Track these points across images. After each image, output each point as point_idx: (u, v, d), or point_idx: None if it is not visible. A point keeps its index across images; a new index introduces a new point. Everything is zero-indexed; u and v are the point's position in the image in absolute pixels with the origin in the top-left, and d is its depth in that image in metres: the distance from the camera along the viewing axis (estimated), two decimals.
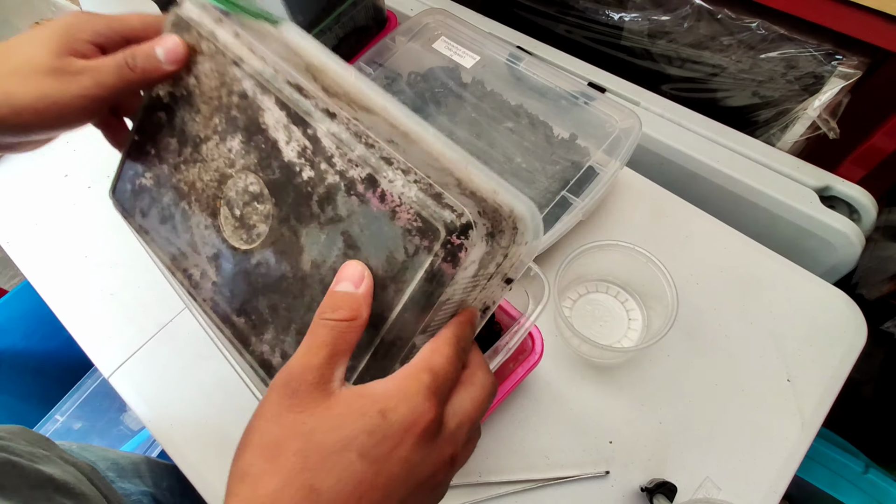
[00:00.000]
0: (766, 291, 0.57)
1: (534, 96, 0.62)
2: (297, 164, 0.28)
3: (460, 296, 0.26)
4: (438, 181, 0.25)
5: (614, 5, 0.71)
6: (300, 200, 0.28)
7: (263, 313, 0.31)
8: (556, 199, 0.55)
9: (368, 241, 0.26)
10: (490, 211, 0.25)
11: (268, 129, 0.29)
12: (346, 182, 0.26)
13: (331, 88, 0.28)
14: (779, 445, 0.50)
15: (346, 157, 0.26)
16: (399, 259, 0.25)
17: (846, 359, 0.54)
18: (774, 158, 0.64)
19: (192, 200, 0.34)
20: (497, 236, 0.25)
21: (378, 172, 0.25)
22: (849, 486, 0.71)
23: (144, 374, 0.58)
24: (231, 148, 0.31)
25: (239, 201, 0.31)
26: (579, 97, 0.60)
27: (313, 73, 0.29)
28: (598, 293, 0.59)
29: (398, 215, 0.25)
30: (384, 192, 0.25)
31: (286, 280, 0.29)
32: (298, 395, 0.23)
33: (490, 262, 0.26)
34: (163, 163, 0.35)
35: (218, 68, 0.31)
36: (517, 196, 0.25)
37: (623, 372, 0.54)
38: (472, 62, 0.64)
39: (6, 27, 0.85)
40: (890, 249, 0.67)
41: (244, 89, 0.30)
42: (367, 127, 0.26)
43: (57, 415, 0.99)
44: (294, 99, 0.28)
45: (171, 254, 0.35)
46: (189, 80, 0.33)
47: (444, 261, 0.24)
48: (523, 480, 0.49)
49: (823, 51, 0.59)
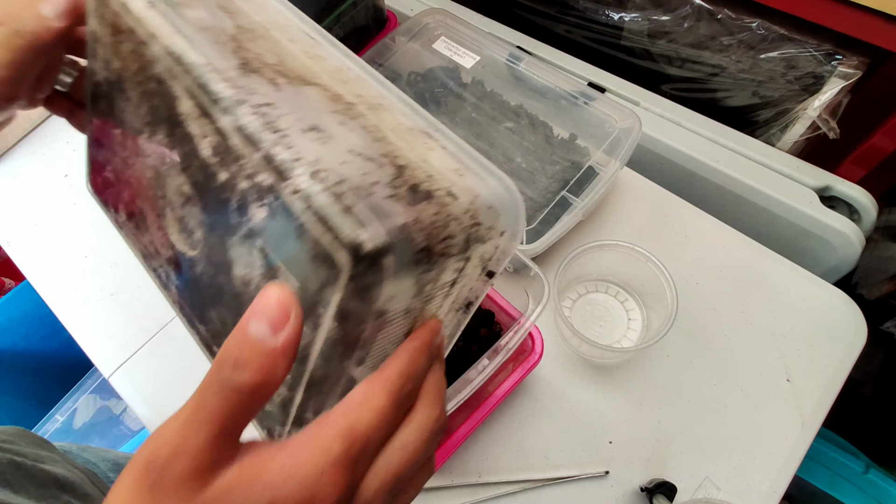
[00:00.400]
0: (766, 291, 0.57)
1: (534, 96, 0.62)
2: (212, 164, 0.23)
3: (403, 317, 0.21)
4: (365, 177, 0.19)
5: (614, 5, 0.71)
6: (220, 208, 0.24)
7: (217, 324, 0.27)
8: (556, 199, 0.55)
9: (284, 263, 0.21)
10: (436, 212, 0.20)
11: (184, 120, 0.24)
12: (255, 188, 0.21)
13: (258, 59, 0.23)
14: (779, 445, 0.50)
15: (254, 156, 0.21)
16: (311, 289, 0.20)
17: (846, 359, 0.53)
18: (774, 158, 0.64)
19: (144, 197, 0.30)
20: (444, 243, 0.20)
21: (284, 175, 0.19)
22: (849, 486, 0.71)
23: (144, 374, 0.58)
24: (160, 142, 0.27)
25: (176, 202, 0.27)
26: (579, 97, 0.60)
27: (240, 39, 0.24)
28: (597, 293, 0.59)
29: (304, 234, 0.19)
30: (286, 204, 0.19)
31: (225, 294, 0.25)
32: (158, 490, 0.16)
33: (444, 272, 0.21)
34: (115, 156, 0.31)
35: (135, 48, 0.26)
36: (483, 179, 0.21)
37: (623, 372, 0.54)
38: (472, 62, 0.64)
39: None
40: (890, 249, 0.67)
41: (159, 73, 0.25)
42: (295, 105, 0.21)
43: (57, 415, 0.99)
44: (204, 82, 0.22)
45: (142, 251, 0.32)
46: (115, 63, 0.28)
47: (355, 297, 0.19)
48: (523, 480, 0.49)
49: (823, 51, 0.59)
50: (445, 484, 0.49)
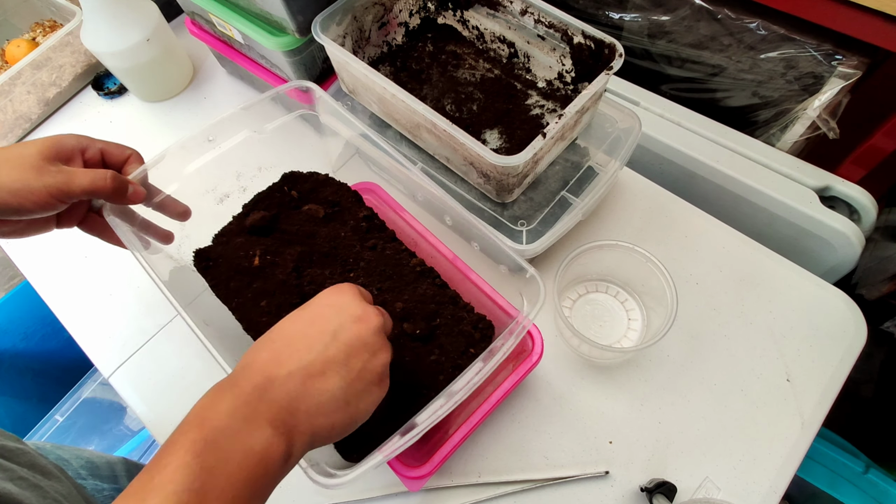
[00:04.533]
0: (766, 291, 0.57)
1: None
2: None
3: None
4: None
5: (614, 5, 0.71)
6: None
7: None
8: (556, 199, 0.55)
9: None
10: None
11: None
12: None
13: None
14: (779, 445, 0.50)
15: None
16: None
17: (846, 359, 0.53)
18: (774, 158, 0.64)
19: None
20: None
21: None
22: (849, 486, 0.71)
23: (144, 374, 0.58)
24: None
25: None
26: None
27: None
28: (597, 293, 0.59)
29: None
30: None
31: None
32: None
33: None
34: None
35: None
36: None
37: (623, 372, 0.54)
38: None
39: (6, 27, 0.85)
40: (890, 249, 0.67)
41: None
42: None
43: (57, 415, 0.99)
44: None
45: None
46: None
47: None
48: (523, 480, 0.49)
49: (823, 51, 0.59)
50: (445, 484, 0.49)
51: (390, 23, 0.62)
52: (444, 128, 0.47)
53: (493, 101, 0.59)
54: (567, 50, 0.55)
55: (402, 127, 0.57)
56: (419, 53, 0.63)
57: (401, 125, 0.57)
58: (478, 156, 0.47)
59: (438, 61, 0.63)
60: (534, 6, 0.55)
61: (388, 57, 0.63)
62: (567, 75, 0.58)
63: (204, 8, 0.61)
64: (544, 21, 0.55)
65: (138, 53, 0.68)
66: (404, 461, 0.44)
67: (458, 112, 0.59)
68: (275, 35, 0.57)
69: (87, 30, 0.66)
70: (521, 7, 0.56)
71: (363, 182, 0.56)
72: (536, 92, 0.60)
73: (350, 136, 0.54)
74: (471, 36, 0.64)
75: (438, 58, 0.63)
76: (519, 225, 0.53)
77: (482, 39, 0.63)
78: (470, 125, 0.58)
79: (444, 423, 0.45)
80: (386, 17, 0.62)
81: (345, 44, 0.59)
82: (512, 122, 0.58)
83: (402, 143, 0.59)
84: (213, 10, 0.60)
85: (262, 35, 0.57)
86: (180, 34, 0.77)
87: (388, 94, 0.51)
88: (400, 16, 0.63)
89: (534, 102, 0.59)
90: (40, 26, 0.85)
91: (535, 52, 0.59)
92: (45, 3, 0.83)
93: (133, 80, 0.74)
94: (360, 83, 0.56)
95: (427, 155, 0.58)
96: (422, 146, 0.57)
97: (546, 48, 0.58)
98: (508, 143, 0.57)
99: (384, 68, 0.63)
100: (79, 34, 0.70)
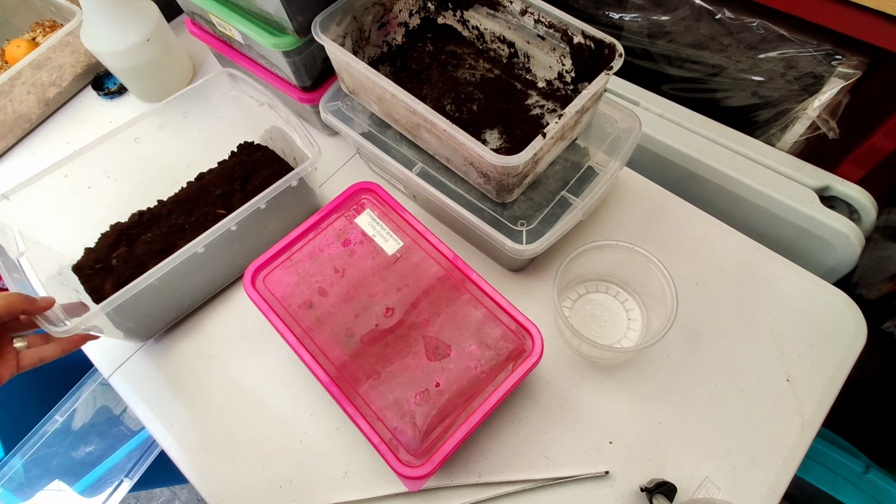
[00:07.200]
0: (766, 291, 0.57)
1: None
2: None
3: None
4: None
5: (614, 5, 0.71)
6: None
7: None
8: (556, 199, 0.55)
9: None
10: None
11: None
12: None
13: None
14: (779, 445, 0.50)
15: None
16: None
17: (846, 359, 0.54)
18: (774, 158, 0.64)
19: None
20: None
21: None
22: (849, 486, 0.71)
23: (144, 374, 0.58)
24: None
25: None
26: None
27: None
28: (597, 293, 0.59)
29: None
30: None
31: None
32: None
33: None
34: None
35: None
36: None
37: (623, 372, 0.54)
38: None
39: (6, 27, 0.85)
40: (890, 249, 0.67)
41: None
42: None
43: (57, 415, 0.99)
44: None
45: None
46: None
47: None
48: (523, 480, 0.49)
49: (823, 51, 0.59)
50: (445, 484, 0.49)
51: (390, 23, 0.62)
52: (443, 128, 0.47)
53: (493, 101, 0.59)
54: (567, 50, 0.55)
55: (402, 127, 0.57)
56: (419, 53, 0.63)
57: (401, 125, 0.57)
58: (478, 156, 0.47)
59: (438, 61, 0.63)
60: (534, 6, 0.55)
61: (388, 57, 0.63)
62: (567, 75, 0.58)
63: (204, 8, 0.61)
64: (544, 21, 0.55)
65: (138, 53, 0.68)
66: (404, 461, 0.44)
67: (458, 112, 0.59)
68: (274, 35, 0.57)
69: (87, 30, 0.66)
70: (521, 7, 0.56)
71: (363, 182, 0.56)
72: (536, 92, 0.60)
73: (351, 137, 0.54)
74: (471, 36, 0.64)
75: (438, 58, 0.63)
76: (519, 225, 0.53)
77: (482, 39, 0.63)
78: (470, 125, 0.58)
79: (444, 423, 0.45)
80: (386, 17, 0.62)
81: (345, 44, 0.59)
82: (512, 122, 0.58)
83: (402, 143, 0.59)
84: (212, 10, 0.60)
85: (261, 35, 0.57)
86: (180, 34, 0.77)
87: (387, 95, 0.51)
88: (400, 16, 0.63)
89: (534, 102, 0.59)
90: (40, 26, 0.85)
91: (535, 52, 0.59)
92: (45, 3, 0.83)
93: (133, 80, 0.74)
94: (359, 83, 0.56)
95: (427, 155, 0.58)
96: (422, 146, 0.57)
97: (546, 48, 0.58)
98: (508, 143, 0.57)
99: (384, 68, 0.63)
100: (79, 34, 0.70)
